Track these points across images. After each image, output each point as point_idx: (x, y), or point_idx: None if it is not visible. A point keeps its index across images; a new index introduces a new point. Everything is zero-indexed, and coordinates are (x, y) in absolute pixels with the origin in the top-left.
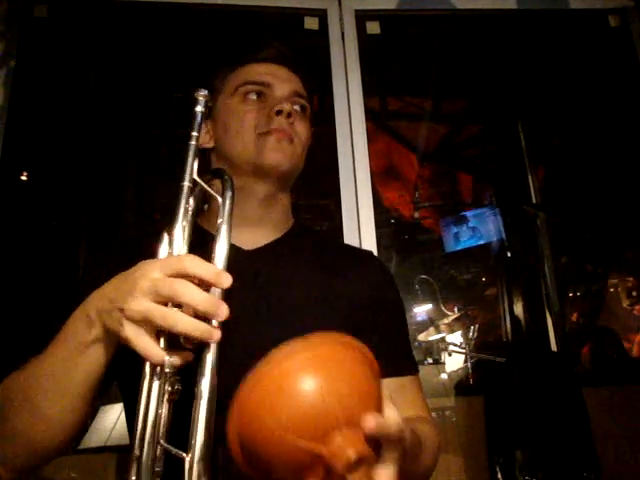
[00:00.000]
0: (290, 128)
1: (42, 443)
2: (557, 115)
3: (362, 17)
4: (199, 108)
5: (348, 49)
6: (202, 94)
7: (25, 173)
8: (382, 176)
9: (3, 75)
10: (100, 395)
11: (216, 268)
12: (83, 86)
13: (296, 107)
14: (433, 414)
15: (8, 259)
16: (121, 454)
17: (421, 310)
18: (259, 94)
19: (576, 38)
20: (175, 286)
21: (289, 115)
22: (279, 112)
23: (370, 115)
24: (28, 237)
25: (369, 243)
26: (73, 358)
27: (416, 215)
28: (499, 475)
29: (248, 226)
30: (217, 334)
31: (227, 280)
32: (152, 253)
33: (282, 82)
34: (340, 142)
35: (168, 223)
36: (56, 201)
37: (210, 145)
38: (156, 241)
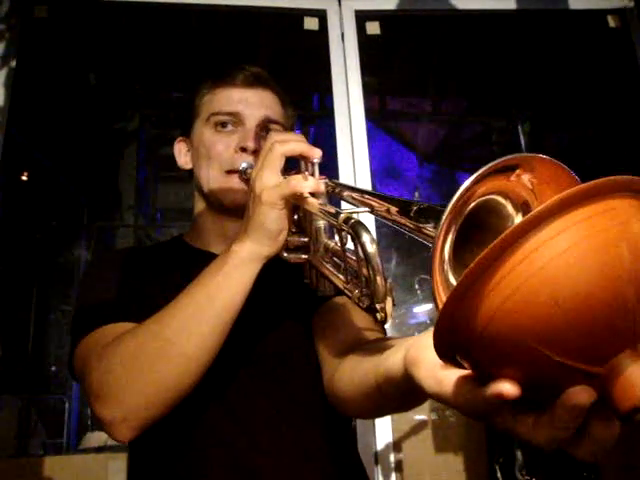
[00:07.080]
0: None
1: (179, 385)
2: (557, 115)
3: (362, 17)
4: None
5: (348, 49)
6: None
7: (25, 173)
8: (382, 176)
9: (3, 75)
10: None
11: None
12: (83, 86)
13: (263, 134)
14: (433, 414)
15: (8, 259)
16: (121, 454)
17: (421, 310)
18: (230, 124)
19: (575, 38)
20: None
21: (254, 151)
22: (243, 149)
23: (370, 115)
24: (28, 237)
25: None
26: (217, 287)
27: None
28: (499, 475)
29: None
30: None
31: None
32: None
33: (253, 110)
34: (340, 142)
35: (168, 224)
36: (56, 201)
37: (189, 167)
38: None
